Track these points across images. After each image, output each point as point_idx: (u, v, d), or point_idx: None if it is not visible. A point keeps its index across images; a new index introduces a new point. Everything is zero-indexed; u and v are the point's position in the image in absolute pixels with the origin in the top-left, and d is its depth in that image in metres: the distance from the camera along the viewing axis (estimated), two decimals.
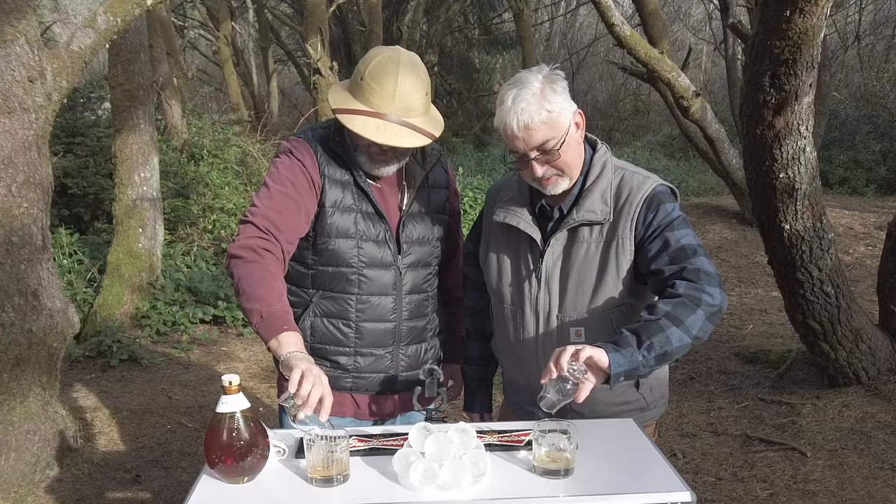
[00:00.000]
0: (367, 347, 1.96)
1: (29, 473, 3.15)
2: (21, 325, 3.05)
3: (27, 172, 3.04)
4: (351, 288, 1.91)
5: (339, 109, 1.80)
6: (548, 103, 1.66)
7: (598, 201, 1.75)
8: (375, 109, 1.77)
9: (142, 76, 5.49)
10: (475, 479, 1.48)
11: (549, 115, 1.66)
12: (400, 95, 1.77)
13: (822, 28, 3.12)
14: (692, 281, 1.62)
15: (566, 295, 1.79)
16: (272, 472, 1.57)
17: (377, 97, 1.76)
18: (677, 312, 1.57)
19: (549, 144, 1.69)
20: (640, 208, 1.73)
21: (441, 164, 2.06)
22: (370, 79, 1.77)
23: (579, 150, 1.77)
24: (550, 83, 1.69)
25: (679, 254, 1.67)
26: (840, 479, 3.20)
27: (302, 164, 1.86)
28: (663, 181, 1.80)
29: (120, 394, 4.39)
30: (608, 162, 1.81)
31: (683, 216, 1.74)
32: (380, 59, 1.78)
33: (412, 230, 1.96)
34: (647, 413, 1.90)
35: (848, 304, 3.77)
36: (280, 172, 1.86)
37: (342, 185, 1.88)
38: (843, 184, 10.66)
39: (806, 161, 3.49)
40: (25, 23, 2.98)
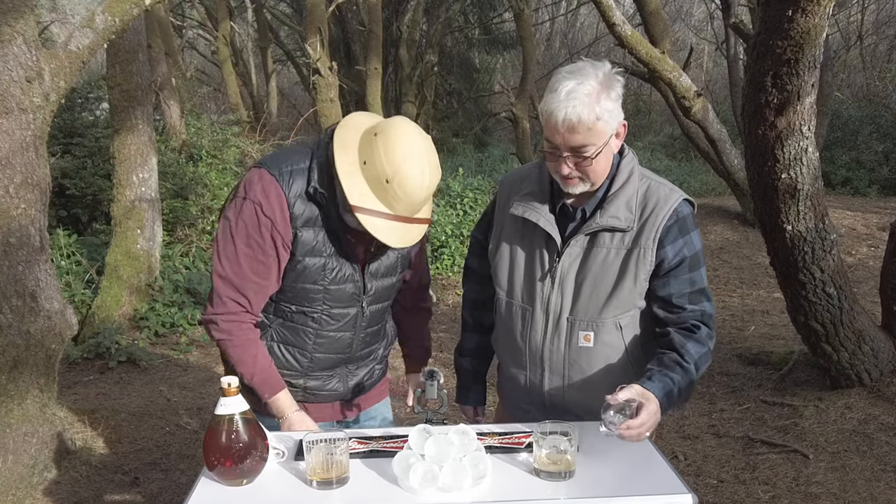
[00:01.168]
0: (317, 371, 1.97)
1: (27, 476, 3.14)
2: (19, 326, 3.04)
3: (25, 173, 3.02)
4: (312, 324, 1.89)
5: (360, 208, 1.65)
6: (599, 109, 1.60)
7: (623, 208, 1.72)
8: (396, 214, 1.69)
9: (140, 76, 5.47)
10: (475, 481, 1.48)
11: (598, 121, 1.61)
12: (423, 202, 1.72)
13: (825, 28, 3.11)
14: (709, 327, 1.74)
15: (580, 298, 1.77)
16: (272, 474, 1.57)
17: (401, 204, 1.67)
18: (701, 362, 1.71)
19: (586, 150, 1.64)
20: (667, 223, 1.71)
21: None
22: (398, 187, 1.64)
23: (611, 159, 1.73)
24: (608, 87, 1.62)
25: (698, 296, 1.75)
26: (842, 481, 3.19)
27: (272, 222, 1.71)
28: (688, 197, 1.79)
29: (118, 395, 4.38)
30: (635, 169, 1.77)
31: (701, 246, 1.78)
32: (409, 165, 1.64)
33: (377, 267, 1.91)
34: None
35: (850, 306, 3.77)
36: (248, 232, 1.72)
37: (314, 230, 1.78)
38: (845, 184, 10.65)
39: (808, 161, 3.48)
40: (23, 22, 2.96)
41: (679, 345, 1.71)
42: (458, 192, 8.23)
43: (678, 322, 1.75)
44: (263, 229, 1.71)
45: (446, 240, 7.11)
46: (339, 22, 14.82)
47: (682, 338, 1.72)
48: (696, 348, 1.70)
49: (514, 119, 12.45)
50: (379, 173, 1.64)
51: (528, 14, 12.76)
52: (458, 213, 7.80)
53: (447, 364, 4.97)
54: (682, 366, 1.67)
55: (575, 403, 1.85)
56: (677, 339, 1.72)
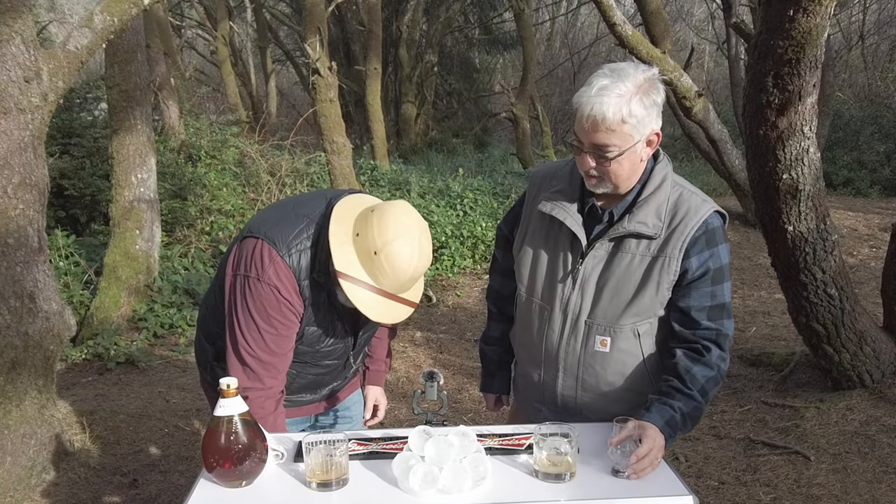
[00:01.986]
0: (294, 394, 2.03)
1: (25, 478, 3.13)
2: (17, 327, 3.03)
3: (23, 174, 3.01)
4: (296, 367, 1.94)
5: (346, 276, 1.68)
6: (628, 111, 1.58)
7: (653, 215, 1.70)
8: (381, 289, 1.70)
9: (139, 76, 5.46)
10: (476, 483, 1.48)
11: (623, 124, 1.59)
12: (410, 282, 1.73)
13: (826, 27, 3.11)
14: (722, 348, 1.70)
15: (600, 302, 1.75)
16: (271, 476, 1.57)
17: (388, 279, 1.69)
18: (708, 385, 1.69)
19: (608, 150, 1.63)
20: (695, 234, 1.68)
21: None
22: (386, 262, 1.66)
23: (638, 166, 1.70)
24: (644, 92, 1.60)
25: (717, 312, 1.71)
26: (844, 483, 3.18)
27: (290, 303, 1.75)
28: (721, 209, 1.76)
29: (117, 397, 4.37)
30: (668, 176, 1.75)
31: (728, 261, 1.73)
32: (401, 243, 1.66)
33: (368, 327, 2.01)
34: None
35: (852, 307, 3.76)
36: (269, 312, 1.74)
37: (319, 305, 1.82)
38: (846, 185, 10.64)
39: (809, 162, 3.48)
40: (21, 22, 2.95)
41: (683, 370, 1.69)
42: (458, 193, 8.22)
43: (691, 340, 1.72)
44: (284, 308, 1.74)
45: (446, 240, 7.09)
46: (338, 22, 14.82)
47: (689, 361, 1.70)
48: (703, 372, 1.68)
49: (515, 119, 12.44)
50: (369, 246, 1.66)
51: (528, 14, 12.76)
52: (457, 213, 7.79)
53: (448, 365, 4.97)
54: (685, 392, 1.66)
55: (587, 406, 1.85)
56: (682, 365, 1.70)
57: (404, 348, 5.31)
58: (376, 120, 10.79)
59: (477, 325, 5.86)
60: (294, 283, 1.74)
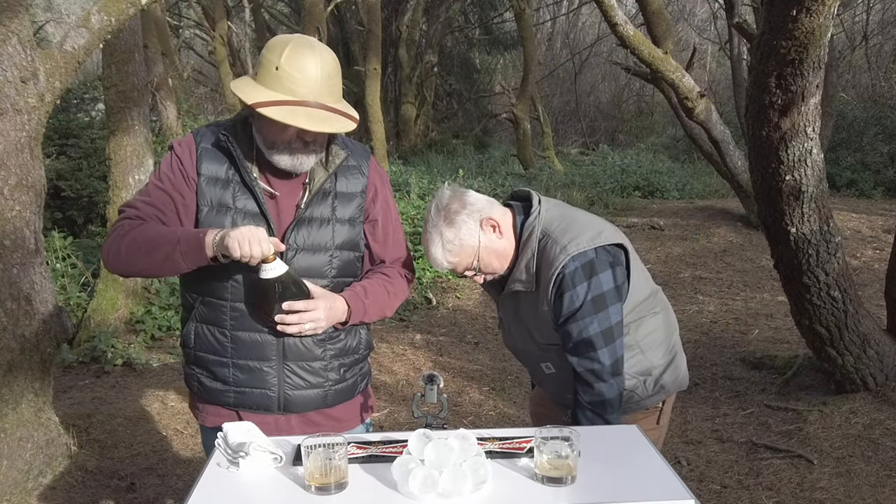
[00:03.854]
0: (244, 359, 1.87)
1: (21, 481, 3.11)
2: (13, 329, 3.02)
3: (19, 175, 3.00)
4: (224, 293, 1.83)
5: (260, 104, 1.70)
6: (449, 244, 1.91)
7: (524, 272, 1.94)
8: (300, 98, 1.70)
9: (136, 77, 5.43)
10: (476, 487, 1.48)
11: (454, 252, 1.92)
12: (322, 80, 1.72)
13: (829, 28, 3.09)
14: (590, 385, 1.89)
15: (526, 339, 2.06)
16: (269, 479, 1.56)
17: (300, 85, 1.70)
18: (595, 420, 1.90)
19: (471, 267, 1.96)
20: (553, 286, 1.89)
21: (360, 171, 1.94)
22: (288, 66, 1.69)
23: (501, 247, 1.96)
24: (448, 222, 1.91)
25: (580, 347, 1.90)
26: (847, 487, 3.17)
27: (180, 160, 1.82)
28: (585, 247, 1.89)
29: (114, 400, 4.35)
30: (535, 229, 1.94)
31: (591, 295, 1.87)
32: (293, 45, 1.72)
33: (302, 236, 1.84)
34: (641, 402, 2.05)
35: (855, 309, 3.75)
36: (159, 170, 1.84)
37: (222, 182, 1.81)
38: (850, 186, 10.63)
39: (812, 163, 3.47)
40: (18, 22, 2.94)
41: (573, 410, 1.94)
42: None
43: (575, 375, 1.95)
44: (173, 164, 1.83)
45: None
46: (337, 22, 14.82)
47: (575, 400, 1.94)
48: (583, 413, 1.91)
49: (515, 120, 12.44)
50: (268, 68, 1.72)
51: (529, 14, 12.76)
52: None
53: (447, 368, 4.95)
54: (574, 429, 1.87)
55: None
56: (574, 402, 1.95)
57: (404, 351, 5.29)
58: (376, 121, 10.78)
59: (477, 328, 5.84)
60: (192, 147, 1.83)
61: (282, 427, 1.89)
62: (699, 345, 5.20)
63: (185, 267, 1.74)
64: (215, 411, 1.94)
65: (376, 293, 1.93)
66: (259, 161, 1.83)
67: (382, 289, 1.95)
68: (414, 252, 6.98)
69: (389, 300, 1.97)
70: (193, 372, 1.95)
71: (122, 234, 1.77)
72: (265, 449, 1.60)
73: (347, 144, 1.94)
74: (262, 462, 1.60)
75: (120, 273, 1.88)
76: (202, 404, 1.97)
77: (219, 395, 1.91)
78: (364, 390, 2.06)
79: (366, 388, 2.07)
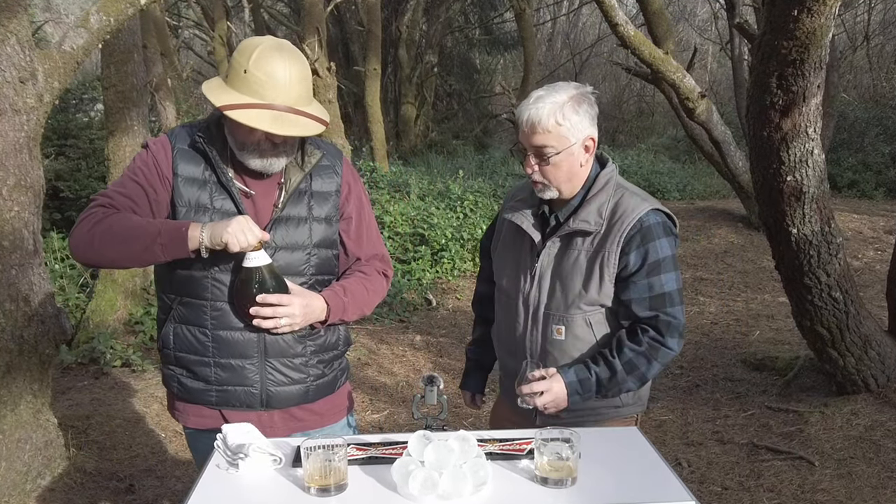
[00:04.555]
0: (226, 358, 1.87)
1: (20, 483, 3.10)
2: (12, 331, 3.01)
3: (18, 175, 2.99)
4: (204, 293, 1.84)
5: (228, 106, 1.72)
6: (562, 116, 1.82)
7: (594, 213, 1.89)
8: (267, 101, 1.72)
9: (135, 77, 5.42)
10: (476, 488, 1.47)
11: (558, 127, 1.82)
12: (291, 83, 1.74)
13: (831, 28, 3.09)
14: (660, 333, 1.86)
15: (553, 295, 1.95)
16: (269, 481, 1.57)
17: (267, 88, 1.71)
18: (637, 362, 1.86)
19: (545, 150, 1.85)
20: (630, 231, 1.86)
21: (334, 170, 1.97)
22: (256, 70, 1.71)
23: (577, 170, 1.90)
24: (577, 101, 1.84)
25: (658, 301, 1.87)
26: (848, 488, 3.17)
27: (155, 158, 1.83)
28: (662, 207, 1.92)
29: (113, 401, 4.35)
30: (612, 180, 1.94)
31: (673, 254, 1.89)
32: (262, 48, 1.73)
33: (280, 235, 1.86)
34: (621, 409, 2.02)
35: (857, 310, 3.75)
36: (134, 163, 1.86)
37: (199, 183, 1.83)
38: (851, 187, 10.62)
39: (814, 164, 3.47)
40: (16, 22, 2.93)
41: (615, 342, 1.89)
42: (458, 195, 8.18)
43: (631, 323, 1.91)
44: (148, 160, 1.84)
45: (446, 243, 7.05)
46: (337, 22, 14.81)
47: (623, 336, 1.89)
48: (631, 347, 1.86)
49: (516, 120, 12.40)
50: (237, 71, 1.74)
51: (529, 14, 12.76)
52: (458, 216, 7.75)
53: (447, 369, 4.94)
54: (607, 359, 1.87)
55: None
56: (616, 338, 1.90)
57: (403, 352, 5.28)
58: (375, 121, 10.78)
59: None
60: (167, 147, 1.84)
61: (265, 423, 1.89)
62: (700, 346, 5.19)
63: (162, 259, 1.75)
64: (196, 411, 1.94)
65: (355, 291, 1.96)
66: (233, 161, 1.85)
67: (361, 287, 1.98)
68: (413, 252, 6.98)
69: (369, 297, 2.00)
70: (173, 373, 1.95)
71: (95, 222, 1.76)
72: (265, 450, 1.60)
73: (320, 145, 1.97)
74: (261, 463, 1.60)
75: (87, 263, 1.88)
76: (182, 404, 1.97)
77: (200, 395, 1.91)
78: (344, 385, 2.10)
79: (345, 382, 2.11)
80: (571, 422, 1.91)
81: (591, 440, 1.67)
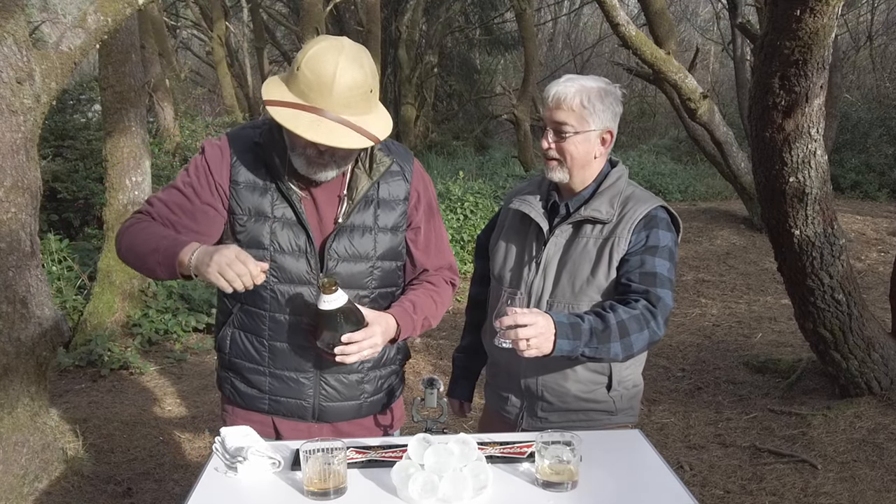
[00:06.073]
0: (280, 370, 1.84)
1: (17, 486, 3.09)
2: (9, 333, 3.00)
3: (15, 176, 2.98)
4: (263, 304, 1.80)
5: (271, 101, 1.63)
6: (587, 100, 1.85)
7: (606, 203, 1.91)
8: (311, 103, 1.61)
9: (133, 77, 5.41)
10: (476, 492, 1.47)
11: (582, 108, 1.85)
12: (339, 88, 1.60)
13: (833, 28, 3.09)
14: (652, 305, 1.81)
15: (559, 283, 1.93)
16: (268, 484, 1.56)
17: (314, 90, 1.60)
18: (630, 325, 1.77)
19: (565, 127, 1.87)
20: (641, 220, 1.89)
21: (403, 176, 1.87)
22: (307, 68, 1.60)
23: (591, 160, 1.92)
24: (605, 92, 1.88)
25: (648, 278, 1.85)
26: (852, 492, 3.15)
27: (208, 166, 1.77)
28: (669, 207, 1.95)
29: (111, 404, 4.34)
30: (623, 177, 1.98)
31: (671, 248, 1.90)
32: (320, 47, 1.62)
33: (343, 245, 1.79)
34: (613, 417, 1.99)
35: (860, 312, 3.74)
36: (188, 172, 1.79)
37: (260, 190, 1.76)
38: (854, 188, 10.61)
39: (816, 165, 3.46)
40: (13, 22, 2.92)
41: (610, 305, 1.82)
42: (458, 196, 8.17)
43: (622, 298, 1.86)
44: (200, 169, 1.78)
45: None
46: (336, 22, 14.79)
47: (616, 302, 1.84)
48: (625, 310, 1.79)
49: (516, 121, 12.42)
50: (294, 67, 1.65)
51: (530, 14, 12.75)
52: (458, 217, 7.73)
53: (448, 372, 4.89)
54: (600, 313, 1.79)
55: (547, 387, 1.97)
56: (610, 303, 1.84)
57: None
58: None
59: None
60: (225, 151, 1.78)
61: (314, 434, 1.87)
62: (702, 348, 5.18)
63: (162, 276, 1.71)
64: (246, 416, 1.91)
65: (424, 306, 1.88)
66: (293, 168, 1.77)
67: (430, 300, 1.90)
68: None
69: (437, 310, 1.92)
70: (227, 375, 1.93)
71: (126, 228, 1.77)
72: (263, 454, 1.59)
73: (391, 149, 1.85)
74: (260, 467, 1.59)
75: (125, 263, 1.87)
76: (232, 408, 1.95)
77: (253, 401, 1.89)
78: (398, 399, 2.05)
79: (399, 396, 2.06)
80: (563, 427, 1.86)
81: (593, 443, 1.66)
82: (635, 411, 2.04)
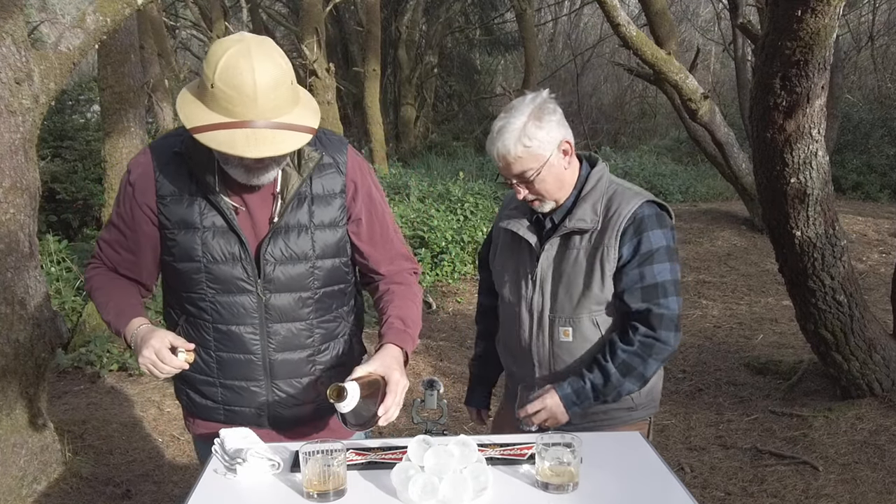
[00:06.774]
0: (230, 380, 1.80)
1: (15, 488, 3.09)
2: (7, 334, 3.00)
3: (14, 177, 2.98)
4: (205, 315, 1.76)
5: (197, 129, 1.54)
6: (527, 138, 1.82)
7: (589, 211, 1.91)
8: (239, 118, 1.52)
9: (132, 78, 5.42)
10: (476, 493, 1.47)
11: (527, 149, 1.82)
12: (263, 96, 1.51)
13: (835, 28, 3.08)
14: (652, 328, 1.86)
15: (557, 297, 1.95)
16: (267, 486, 1.56)
17: (237, 105, 1.51)
18: (632, 362, 1.86)
19: (526, 174, 1.86)
20: (627, 222, 1.87)
21: (337, 169, 1.77)
22: (223, 84, 1.51)
23: (563, 175, 1.91)
24: (536, 117, 1.83)
25: (651, 291, 1.86)
26: (853, 493, 3.14)
27: (132, 190, 1.72)
28: (655, 199, 1.93)
29: (109, 406, 4.34)
30: (604, 177, 1.96)
31: (667, 245, 1.89)
32: (229, 56, 1.51)
33: (280, 248, 1.72)
34: (634, 413, 2.01)
35: (861, 314, 3.73)
36: (118, 202, 1.78)
37: (187, 200, 1.70)
38: (856, 189, 10.59)
39: (818, 165, 3.46)
40: (12, 22, 2.92)
41: (609, 346, 1.90)
42: (458, 197, 8.16)
43: (625, 319, 1.91)
44: (127, 196, 1.75)
45: (446, 246, 7.02)
46: (336, 22, 14.80)
47: (616, 339, 1.90)
48: (623, 348, 1.87)
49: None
50: (205, 84, 1.54)
51: (530, 14, 12.76)
52: (458, 218, 7.72)
53: (448, 373, 4.91)
54: (600, 364, 1.88)
55: None
56: (610, 341, 1.91)
57: None
58: (375, 122, 10.77)
59: None
60: (148, 168, 1.72)
61: (274, 439, 1.83)
62: (703, 350, 5.17)
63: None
64: (206, 425, 1.90)
65: (410, 315, 1.82)
66: (222, 172, 1.69)
67: (411, 305, 1.85)
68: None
69: (418, 310, 1.87)
70: (182, 387, 1.91)
71: (87, 279, 1.87)
72: (263, 455, 1.59)
73: (321, 140, 1.77)
74: (259, 469, 1.59)
75: None
76: (193, 418, 1.94)
77: (209, 412, 1.87)
78: None
79: None
80: (585, 427, 1.91)
81: (593, 445, 1.66)
82: (656, 403, 2.07)
